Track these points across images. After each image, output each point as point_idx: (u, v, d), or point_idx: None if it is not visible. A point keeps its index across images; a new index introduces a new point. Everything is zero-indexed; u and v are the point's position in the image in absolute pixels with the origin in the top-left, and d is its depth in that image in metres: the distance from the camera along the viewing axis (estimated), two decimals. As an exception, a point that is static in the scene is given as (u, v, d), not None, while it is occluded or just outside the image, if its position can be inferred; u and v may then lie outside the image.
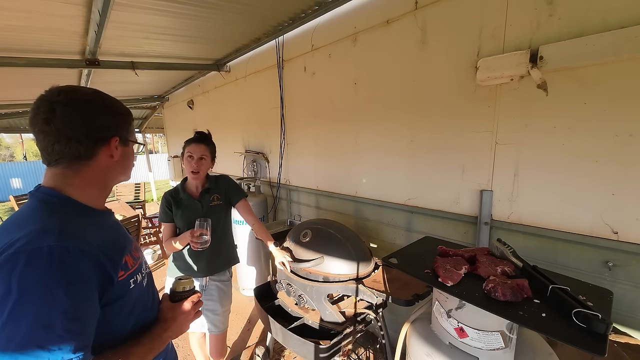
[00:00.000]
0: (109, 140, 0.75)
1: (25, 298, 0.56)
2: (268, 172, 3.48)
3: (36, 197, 0.70)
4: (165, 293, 0.94)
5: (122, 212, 4.48)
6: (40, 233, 0.61)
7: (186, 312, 0.87)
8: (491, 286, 0.89)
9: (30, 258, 0.58)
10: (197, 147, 1.63)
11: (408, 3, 1.84)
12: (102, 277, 0.66)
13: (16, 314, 0.55)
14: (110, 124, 0.76)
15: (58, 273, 0.59)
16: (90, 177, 0.74)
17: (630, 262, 1.28)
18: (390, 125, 2.08)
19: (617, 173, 1.27)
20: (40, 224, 0.63)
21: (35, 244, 0.59)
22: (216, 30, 2.64)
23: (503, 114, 1.54)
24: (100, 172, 0.76)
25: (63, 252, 0.60)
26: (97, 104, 0.74)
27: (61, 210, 0.68)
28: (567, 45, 1.28)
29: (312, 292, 1.53)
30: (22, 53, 2.62)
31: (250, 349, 2.38)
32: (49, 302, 0.57)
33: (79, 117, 0.70)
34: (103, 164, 0.76)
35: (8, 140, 27.77)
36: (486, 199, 1.63)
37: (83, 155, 0.72)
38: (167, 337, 0.81)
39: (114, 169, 0.80)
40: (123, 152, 0.80)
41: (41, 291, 0.57)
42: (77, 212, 0.71)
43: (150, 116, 7.57)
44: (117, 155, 0.77)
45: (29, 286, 0.57)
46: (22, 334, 0.55)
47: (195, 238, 1.45)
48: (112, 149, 0.76)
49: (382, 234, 2.27)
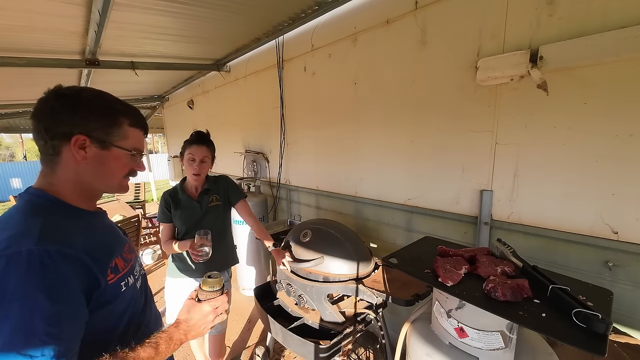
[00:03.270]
0: (69, 137, 0.68)
1: (5, 303, 0.55)
2: (268, 172, 3.48)
3: (23, 198, 0.69)
4: (195, 288, 0.88)
5: (122, 212, 4.48)
6: (20, 237, 0.60)
7: (204, 314, 0.82)
8: (491, 286, 0.89)
9: (9, 262, 0.57)
10: (199, 149, 1.61)
11: (408, 3, 1.84)
12: (87, 279, 0.65)
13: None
14: (74, 119, 0.69)
15: (38, 277, 0.58)
16: (64, 176, 0.71)
17: (630, 262, 1.28)
18: (390, 126, 2.08)
19: (617, 173, 1.27)
20: (20, 227, 0.62)
21: (15, 248, 0.58)
22: (216, 30, 2.64)
23: (503, 114, 1.54)
24: (70, 172, 0.71)
25: (43, 255, 0.59)
26: (70, 99, 0.69)
27: (46, 211, 0.66)
28: (567, 45, 1.28)
29: (312, 292, 1.53)
30: (22, 53, 2.62)
31: (250, 349, 2.38)
32: (29, 306, 0.56)
33: (47, 109, 0.68)
34: (69, 164, 0.71)
35: (8, 140, 27.81)
36: (486, 199, 1.63)
37: (48, 150, 0.69)
38: (179, 339, 0.77)
39: (85, 173, 0.72)
40: (97, 156, 0.72)
41: (21, 295, 0.56)
42: (63, 213, 0.69)
43: (150, 116, 7.56)
44: (81, 157, 0.70)
45: (8, 292, 0.56)
46: (3, 340, 0.54)
47: (196, 250, 1.43)
48: (74, 147, 0.69)
49: (382, 234, 2.27)
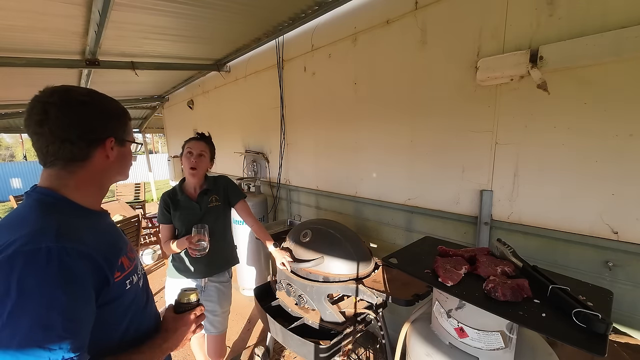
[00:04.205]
0: (104, 141, 0.74)
1: (25, 299, 0.56)
2: (268, 172, 3.48)
3: (32, 197, 0.69)
4: (170, 304, 0.95)
5: (122, 212, 4.48)
6: (37, 234, 0.61)
7: (188, 324, 0.88)
8: (491, 286, 0.89)
9: (29, 259, 0.58)
10: (197, 143, 1.64)
11: (408, 3, 1.84)
12: (98, 277, 0.66)
13: (16, 315, 0.56)
14: (105, 125, 0.75)
15: (56, 274, 0.59)
16: (86, 178, 0.74)
17: (630, 262, 1.28)
18: (390, 125, 2.08)
19: (617, 173, 1.27)
20: (37, 224, 0.63)
21: (34, 245, 0.59)
22: (216, 30, 2.64)
23: (503, 114, 1.54)
24: (96, 173, 0.75)
25: (61, 252, 0.60)
26: (91, 105, 0.73)
27: (57, 211, 0.68)
28: (567, 45, 1.28)
29: (312, 292, 1.53)
30: (22, 53, 2.62)
31: (250, 349, 2.38)
32: (48, 302, 0.58)
33: (72, 119, 0.69)
34: (99, 165, 0.75)
35: (8, 140, 27.81)
36: (486, 199, 1.63)
37: (78, 157, 0.71)
38: (167, 348, 0.82)
39: (111, 170, 0.79)
40: (119, 153, 0.79)
41: (40, 292, 0.57)
42: (72, 212, 0.71)
43: (150, 116, 7.56)
44: (112, 156, 0.77)
45: (27, 287, 0.57)
46: (23, 335, 0.55)
47: (193, 245, 1.43)
48: (108, 149, 0.75)
49: (382, 234, 2.27)
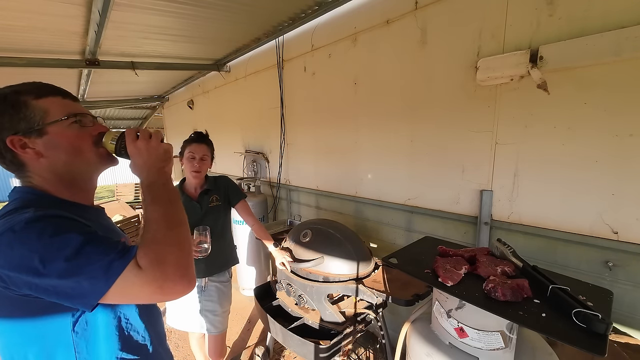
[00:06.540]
0: (6, 144, 0.63)
1: (50, 238, 0.53)
2: (268, 172, 3.48)
3: (11, 197, 0.67)
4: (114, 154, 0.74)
5: (122, 212, 4.48)
6: (16, 212, 0.58)
7: (145, 141, 0.69)
8: (491, 286, 0.89)
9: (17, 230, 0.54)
10: (199, 147, 1.64)
11: (408, 3, 1.84)
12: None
13: (61, 246, 0.53)
14: None
15: (54, 225, 0.56)
16: (50, 178, 0.67)
17: (630, 262, 1.28)
18: (390, 126, 2.08)
19: (617, 173, 1.27)
20: (14, 207, 0.61)
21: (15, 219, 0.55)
22: (216, 30, 2.64)
23: (503, 114, 1.54)
24: (50, 172, 0.67)
25: (46, 215, 0.57)
26: None
27: (39, 204, 0.63)
28: (567, 45, 1.28)
29: (312, 292, 1.53)
30: (22, 53, 2.62)
31: (250, 349, 2.38)
32: (68, 237, 0.55)
33: None
34: (40, 165, 0.66)
35: (8, 140, 27.76)
36: (486, 199, 1.63)
37: (12, 168, 0.67)
38: (162, 167, 0.70)
39: (55, 166, 0.66)
40: (45, 145, 0.64)
41: (55, 231, 0.54)
42: (58, 206, 0.65)
43: (150, 116, 7.56)
44: (33, 154, 0.64)
45: (41, 237, 0.53)
46: (74, 249, 0.53)
47: (195, 246, 1.43)
48: (19, 150, 0.63)
49: (382, 234, 2.27)
